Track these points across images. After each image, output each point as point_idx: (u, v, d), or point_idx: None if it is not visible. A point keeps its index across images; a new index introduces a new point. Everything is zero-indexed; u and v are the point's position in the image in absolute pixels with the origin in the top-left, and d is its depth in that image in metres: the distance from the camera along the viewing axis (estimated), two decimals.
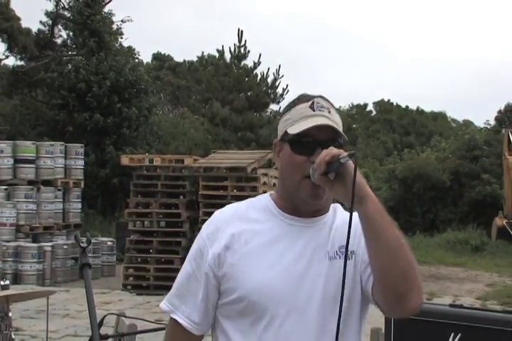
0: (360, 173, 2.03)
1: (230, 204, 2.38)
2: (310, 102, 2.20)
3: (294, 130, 2.16)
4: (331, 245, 2.20)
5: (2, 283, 3.55)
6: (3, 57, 30.42)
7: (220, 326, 2.28)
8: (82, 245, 2.15)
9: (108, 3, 28.40)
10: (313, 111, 2.18)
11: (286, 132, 2.20)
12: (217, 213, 2.34)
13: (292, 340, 2.14)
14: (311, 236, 2.19)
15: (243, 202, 2.38)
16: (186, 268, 2.33)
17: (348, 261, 2.11)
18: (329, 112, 2.20)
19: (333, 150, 2.02)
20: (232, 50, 29.23)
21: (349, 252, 2.11)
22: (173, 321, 2.32)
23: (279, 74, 29.56)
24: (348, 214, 2.05)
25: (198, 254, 2.29)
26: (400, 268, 2.03)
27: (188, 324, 2.28)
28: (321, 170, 2.02)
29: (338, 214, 2.23)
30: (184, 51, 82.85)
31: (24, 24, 30.51)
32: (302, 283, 2.14)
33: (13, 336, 3.85)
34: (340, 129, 2.20)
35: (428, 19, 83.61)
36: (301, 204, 2.19)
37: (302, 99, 2.24)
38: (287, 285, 2.15)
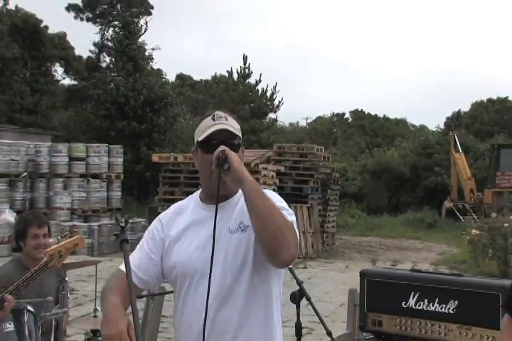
0: (241, 163, 2.17)
1: (182, 200, 2.51)
2: (212, 115, 2.30)
3: (201, 137, 2.27)
4: (233, 221, 2.27)
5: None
6: (61, 78, 30.59)
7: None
8: (121, 225, 2.15)
9: (142, 35, 28.51)
10: (214, 121, 2.27)
11: (197, 141, 2.30)
12: (170, 207, 2.50)
13: (203, 297, 2.18)
14: (220, 216, 2.24)
15: (189, 196, 2.48)
16: (142, 244, 2.39)
17: (243, 233, 2.23)
18: (226, 120, 2.28)
19: (219, 148, 2.16)
20: (239, 71, 29.22)
21: (244, 226, 2.23)
22: (118, 269, 2.30)
23: (275, 90, 29.51)
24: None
25: (154, 233, 2.38)
26: (270, 231, 2.07)
27: (136, 279, 2.24)
28: (214, 164, 2.15)
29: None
30: (201, 72, 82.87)
31: (77, 52, 30.69)
32: (210, 254, 2.20)
33: (69, 295, 3.85)
34: (236, 131, 2.29)
35: (390, 42, 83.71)
36: (214, 193, 2.24)
37: (207, 114, 2.34)
38: (200, 258, 2.23)
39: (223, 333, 2.20)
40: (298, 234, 2.23)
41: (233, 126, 2.29)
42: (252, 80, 29.40)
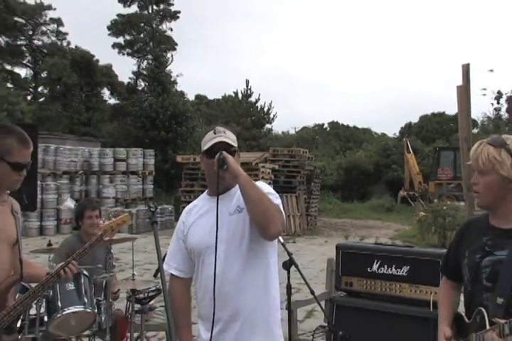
0: (236, 162, 2.17)
1: (193, 201, 2.48)
2: (213, 130, 2.30)
3: (205, 147, 2.27)
4: (232, 206, 2.25)
5: None
6: (108, 98, 30.69)
7: None
8: (152, 209, 2.18)
9: (168, 65, 28.56)
10: (215, 134, 2.28)
11: (202, 149, 2.31)
12: (186, 207, 2.48)
13: (211, 267, 2.18)
14: (223, 205, 2.22)
15: (199, 197, 2.47)
16: (173, 237, 2.43)
17: (240, 214, 2.22)
18: (225, 133, 2.27)
19: (218, 154, 2.15)
20: (243, 92, 29.21)
21: (240, 208, 2.21)
22: (171, 274, 2.38)
23: (271, 106, 29.52)
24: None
25: (178, 227, 2.42)
26: (260, 211, 2.07)
27: (179, 273, 2.36)
28: (216, 166, 2.15)
29: None
30: (214, 93, 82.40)
31: (120, 79, 30.72)
32: (218, 234, 2.19)
33: (113, 263, 3.87)
34: (232, 142, 2.29)
35: (358, 67, 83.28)
36: (216, 188, 2.23)
37: (210, 128, 2.34)
38: (210, 238, 2.21)
39: (231, 286, 2.22)
40: (284, 214, 2.21)
41: (230, 137, 2.29)
42: (252, 99, 29.41)
